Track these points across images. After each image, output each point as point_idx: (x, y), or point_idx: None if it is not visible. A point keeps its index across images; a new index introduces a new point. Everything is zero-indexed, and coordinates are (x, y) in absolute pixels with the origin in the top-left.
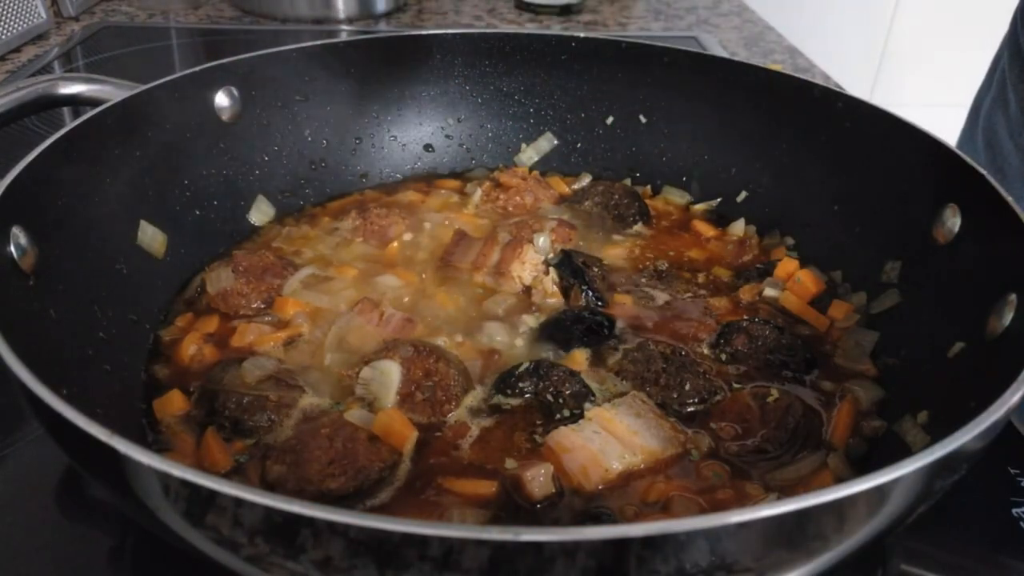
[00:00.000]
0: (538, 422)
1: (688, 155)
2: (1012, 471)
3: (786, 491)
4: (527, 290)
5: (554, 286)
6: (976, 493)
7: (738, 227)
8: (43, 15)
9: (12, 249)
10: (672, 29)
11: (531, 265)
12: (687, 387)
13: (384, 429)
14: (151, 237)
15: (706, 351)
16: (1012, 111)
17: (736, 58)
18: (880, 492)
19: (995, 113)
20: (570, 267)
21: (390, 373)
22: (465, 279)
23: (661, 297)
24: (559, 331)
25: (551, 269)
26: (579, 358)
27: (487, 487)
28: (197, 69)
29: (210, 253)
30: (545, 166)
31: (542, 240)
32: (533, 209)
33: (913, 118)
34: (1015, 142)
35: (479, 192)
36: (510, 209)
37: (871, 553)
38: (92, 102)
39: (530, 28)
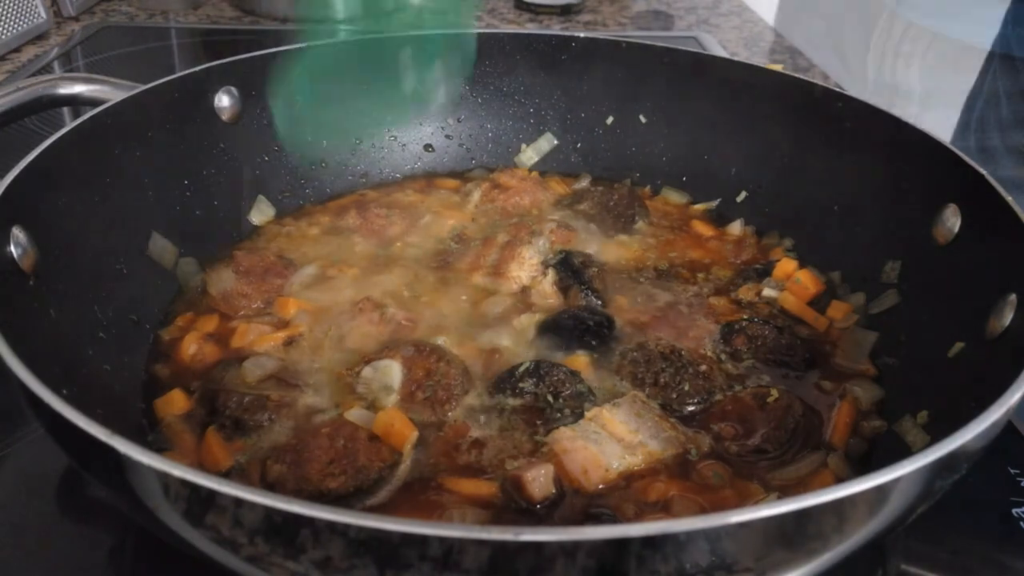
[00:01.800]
0: (538, 422)
1: (688, 155)
2: (1012, 471)
3: (786, 491)
4: (525, 291)
5: (553, 287)
6: (976, 493)
7: (735, 227)
8: (43, 15)
9: (12, 249)
10: (672, 29)
11: (529, 266)
12: (687, 387)
13: (384, 429)
14: (162, 248)
15: (706, 351)
16: (1003, 112)
17: (736, 58)
18: (880, 492)
19: (987, 114)
20: (569, 267)
21: (391, 372)
22: (463, 280)
23: (661, 297)
24: (559, 331)
25: (550, 270)
26: (579, 358)
27: (487, 487)
28: (197, 69)
29: (210, 253)
30: (545, 166)
31: (541, 241)
32: (532, 210)
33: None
34: (1005, 143)
35: (478, 192)
36: (508, 210)
37: (871, 553)
38: (92, 102)
39: (530, 28)
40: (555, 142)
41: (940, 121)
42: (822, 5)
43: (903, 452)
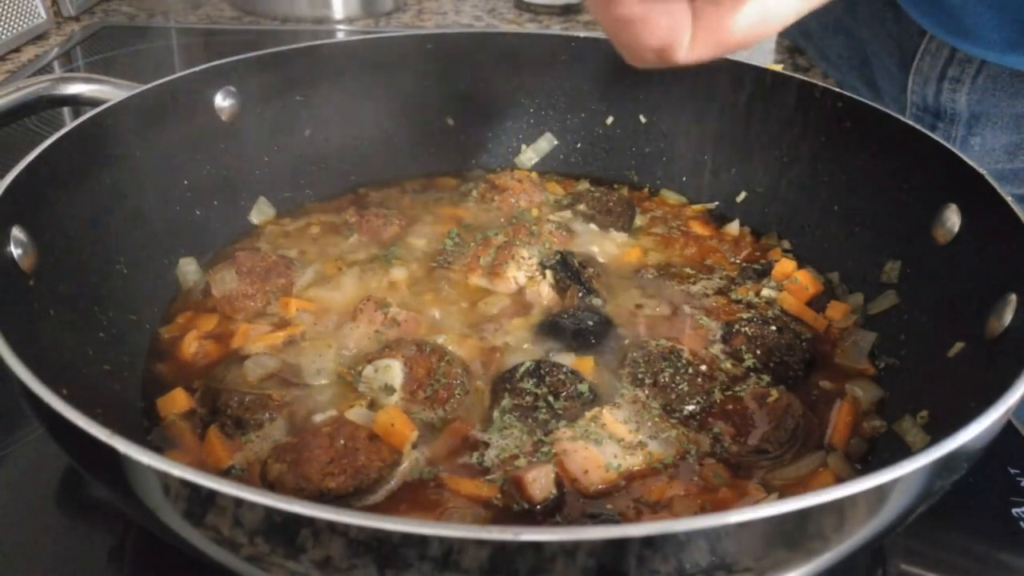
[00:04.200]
0: (538, 422)
1: (688, 155)
2: (1012, 471)
3: (786, 491)
4: (522, 291)
5: (550, 288)
6: (976, 493)
7: (733, 227)
8: (43, 15)
9: (12, 249)
10: None
11: (527, 266)
12: (686, 387)
13: (384, 428)
14: (185, 272)
15: (706, 351)
16: (884, 94)
17: (736, 58)
18: (880, 492)
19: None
20: (568, 268)
21: (392, 372)
22: (461, 280)
23: (660, 297)
24: (558, 332)
25: (547, 271)
26: (579, 359)
27: (488, 487)
28: (197, 69)
29: (210, 253)
30: (545, 167)
31: (538, 242)
32: (530, 210)
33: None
34: None
35: (475, 193)
36: (506, 210)
37: (871, 553)
38: (92, 102)
39: (530, 28)
40: (555, 142)
41: (988, 143)
42: (841, 25)
43: (903, 452)
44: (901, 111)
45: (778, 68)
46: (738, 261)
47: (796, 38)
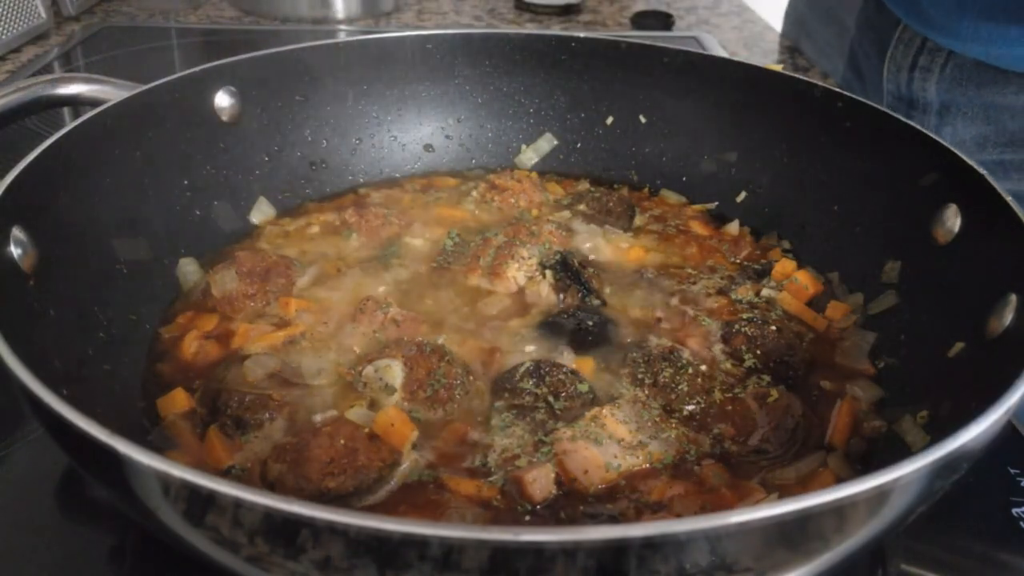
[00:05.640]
0: (539, 422)
1: (688, 155)
2: (1012, 471)
3: (786, 491)
4: (522, 291)
5: (550, 288)
6: (976, 493)
7: (733, 227)
8: (43, 15)
9: (12, 249)
10: (672, 29)
11: (527, 266)
12: (686, 387)
13: (384, 428)
14: (185, 272)
15: (706, 351)
16: (867, 82)
17: (736, 58)
18: (880, 492)
19: (1009, 126)
20: (567, 268)
21: (392, 372)
22: (461, 280)
23: (660, 297)
24: (558, 332)
25: (547, 271)
26: (579, 359)
27: (488, 487)
28: (197, 69)
29: (210, 253)
30: (545, 166)
31: (538, 242)
32: (530, 210)
33: None
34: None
35: (475, 193)
36: (506, 210)
37: (871, 553)
38: (92, 102)
39: (530, 28)
40: (555, 142)
41: (958, 133)
42: (832, 15)
43: (903, 452)
44: (880, 100)
45: (778, 68)
46: (738, 261)
47: (793, 29)
